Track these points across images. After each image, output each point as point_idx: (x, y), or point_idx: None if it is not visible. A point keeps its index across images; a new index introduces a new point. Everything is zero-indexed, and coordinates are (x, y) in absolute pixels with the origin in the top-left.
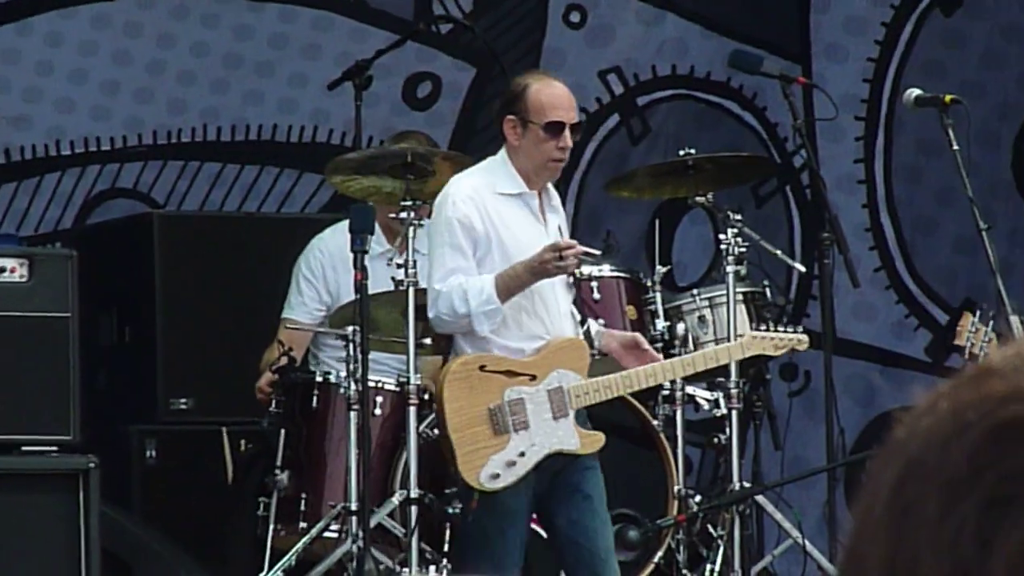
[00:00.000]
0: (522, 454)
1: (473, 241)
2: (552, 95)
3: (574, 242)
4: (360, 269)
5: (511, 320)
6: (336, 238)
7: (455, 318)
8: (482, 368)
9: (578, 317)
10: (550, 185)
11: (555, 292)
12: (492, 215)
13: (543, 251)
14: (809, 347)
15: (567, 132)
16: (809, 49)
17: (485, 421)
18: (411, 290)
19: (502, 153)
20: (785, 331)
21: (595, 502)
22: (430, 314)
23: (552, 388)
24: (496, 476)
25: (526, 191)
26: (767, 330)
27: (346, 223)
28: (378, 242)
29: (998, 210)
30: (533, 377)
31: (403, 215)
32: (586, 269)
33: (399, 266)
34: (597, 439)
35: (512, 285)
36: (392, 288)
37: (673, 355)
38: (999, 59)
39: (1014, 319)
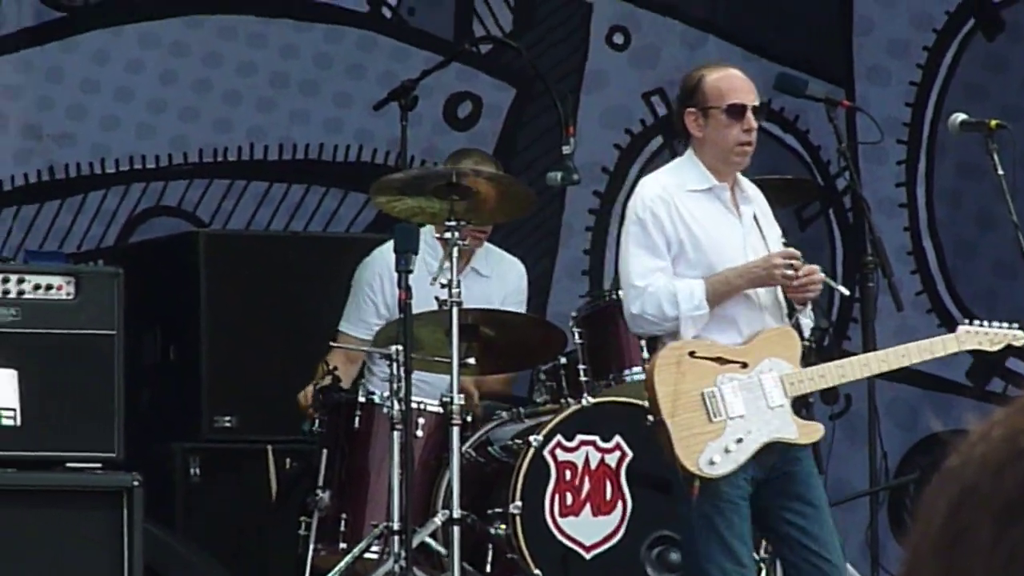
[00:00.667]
0: (739, 441)
1: (666, 240)
2: (728, 78)
3: (796, 252)
4: (404, 288)
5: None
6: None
7: (661, 319)
8: (692, 354)
9: (785, 308)
10: (741, 177)
11: (754, 292)
12: (683, 213)
13: (771, 258)
14: None
15: (749, 114)
16: (852, 72)
17: (699, 407)
18: (455, 310)
19: (688, 151)
20: (1000, 326)
21: (822, 512)
22: (633, 310)
23: (765, 375)
24: (713, 463)
25: (716, 184)
26: (980, 324)
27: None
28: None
29: None
30: (744, 365)
31: (447, 235)
32: None
33: (443, 286)
34: (816, 429)
35: (722, 291)
36: (441, 307)
37: None
38: None
39: None
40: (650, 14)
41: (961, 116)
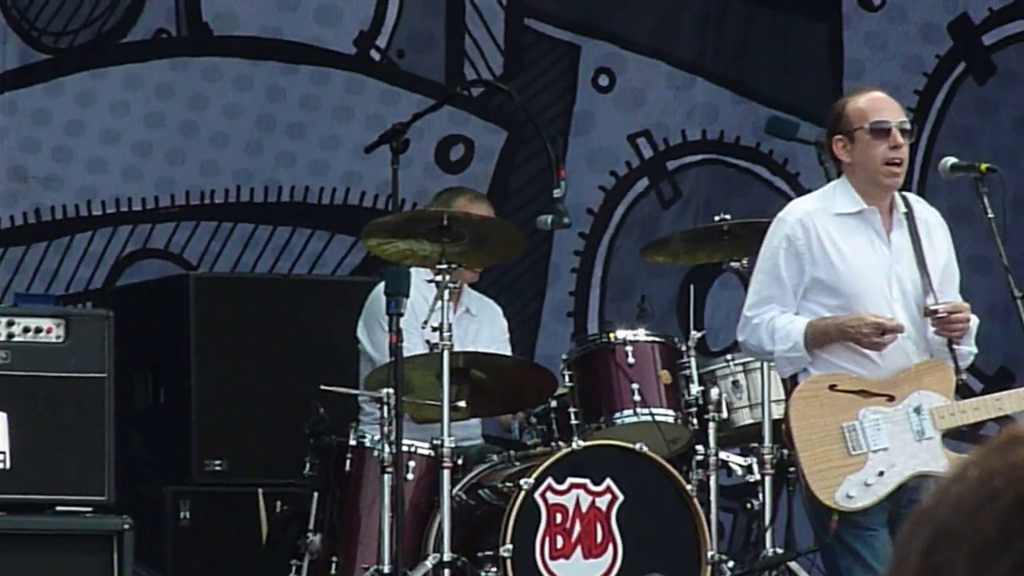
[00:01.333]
0: (880, 474)
1: (798, 268)
2: (871, 99)
3: (900, 325)
4: (395, 332)
5: (845, 346)
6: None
7: (760, 352)
8: (832, 387)
9: (934, 340)
10: (910, 201)
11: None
12: (823, 239)
13: (861, 322)
14: None
15: (896, 132)
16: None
17: (838, 440)
18: (445, 353)
19: (843, 176)
20: None
21: None
22: (739, 337)
23: (913, 408)
24: (851, 497)
25: (866, 208)
26: None
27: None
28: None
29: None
30: (891, 398)
31: (438, 278)
32: (620, 333)
33: (433, 329)
34: None
35: (821, 339)
36: (432, 350)
37: (707, 421)
38: None
39: None
40: (636, 56)
41: (951, 159)
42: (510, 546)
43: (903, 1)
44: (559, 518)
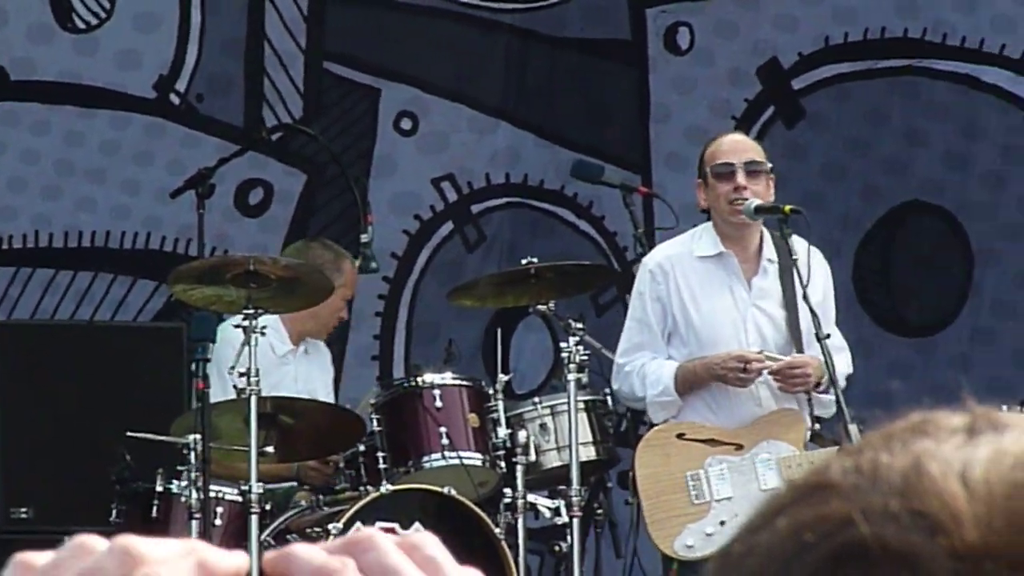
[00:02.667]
0: (723, 523)
1: (661, 313)
2: (719, 143)
3: (760, 356)
4: (203, 377)
5: (698, 396)
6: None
7: (633, 399)
8: (680, 436)
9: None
10: (796, 243)
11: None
12: (681, 284)
13: (727, 359)
14: None
15: (738, 173)
16: (649, 158)
17: (682, 489)
18: (253, 399)
19: (709, 222)
20: None
21: None
22: (613, 385)
23: (760, 458)
24: (691, 546)
25: (724, 251)
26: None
27: (235, 319)
28: (283, 342)
29: (838, 321)
30: (740, 447)
31: (244, 323)
32: (428, 377)
33: (241, 375)
34: None
35: (691, 380)
36: (240, 396)
37: (515, 464)
38: (840, 171)
39: (852, 428)
40: (439, 100)
41: (756, 201)
42: None
43: (711, 45)
44: None
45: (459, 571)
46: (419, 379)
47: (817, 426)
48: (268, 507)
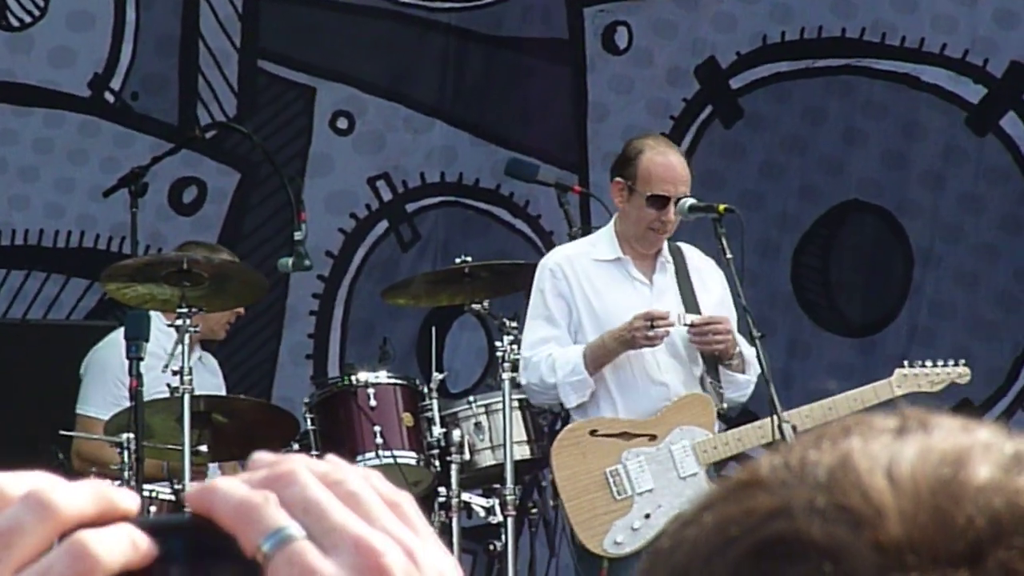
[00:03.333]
0: (647, 516)
1: (565, 309)
2: (663, 166)
3: (667, 312)
4: (136, 376)
5: (606, 392)
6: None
7: (544, 388)
8: (593, 433)
9: (699, 368)
10: (685, 248)
11: (654, 361)
12: (583, 283)
13: (633, 319)
14: None
15: (670, 207)
16: (587, 158)
17: (603, 486)
18: (186, 397)
19: (614, 218)
20: (944, 366)
21: None
22: (522, 380)
23: (676, 446)
24: (620, 543)
25: (622, 256)
26: (921, 366)
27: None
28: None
29: (777, 320)
30: (653, 437)
31: (179, 322)
32: (362, 376)
33: (174, 373)
34: None
35: (600, 355)
36: (173, 394)
37: (449, 463)
38: (779, 170)
39: (787, 428)
40: (375, 99)
41: (690, 200)
42: None
43: (649, 45)
44: None
45: (383, 507)
46: (353, 378)
47: (725, 406)
48: None
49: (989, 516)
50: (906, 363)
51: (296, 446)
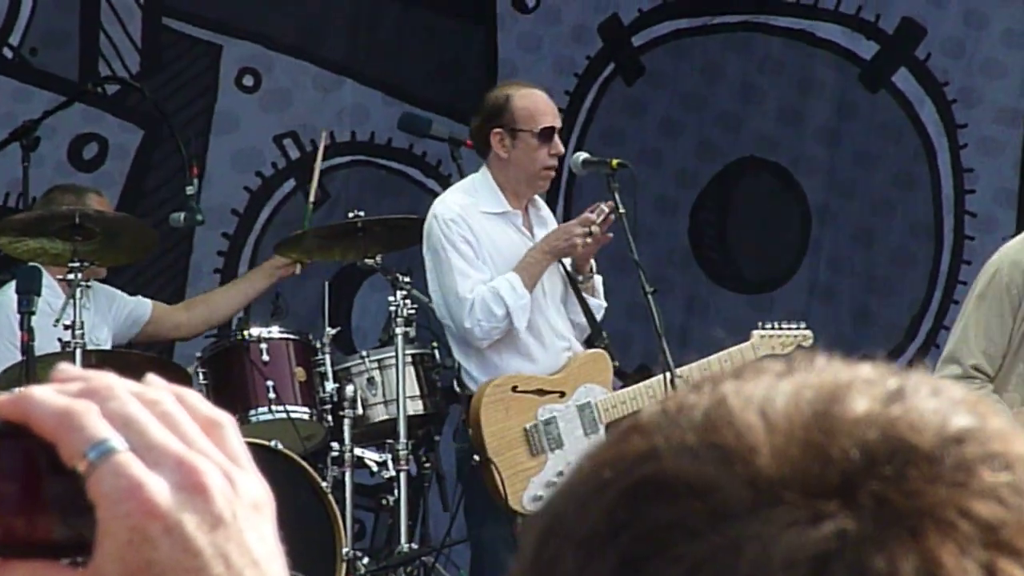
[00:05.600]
0: (560, 473)
1: (473, 254)
2: (538, 101)
3: (601, 208)
4: (27, 330)
5: (507, 343)
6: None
7: (493, 321)
8: (514, 389)
9: (588, 331)
10: (538, 199)
11: (547, 308)
12: (479, 233)
13: (570, 227)
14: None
15: (557, 137)
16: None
17: (522, 443)
18: (78, 352)
19: (483, 171)
20: (789, 328)
21: None
22: (465, 325)
23: (581, 404)
24: (538, 498)
25: (509, 210)
26: (773, 327)
27: (9, 288)
28: (56, 296)
29: (675, 277)
30: (562, 394)
31: (71, 276)
32: (255, 331)
33: (66, 327)
34: None
35: (534, 272)
36: (60, 349)
37: (342, 417)
38: (678, 127)
39: (680, 382)
40: (282, 56)
41: (583, 155)
42: None
43: (557, 3)
44: None
45: (199, 431)
46: (245, 332)
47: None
48: None
49: (862, 447)
50: (760, 324)
51: None
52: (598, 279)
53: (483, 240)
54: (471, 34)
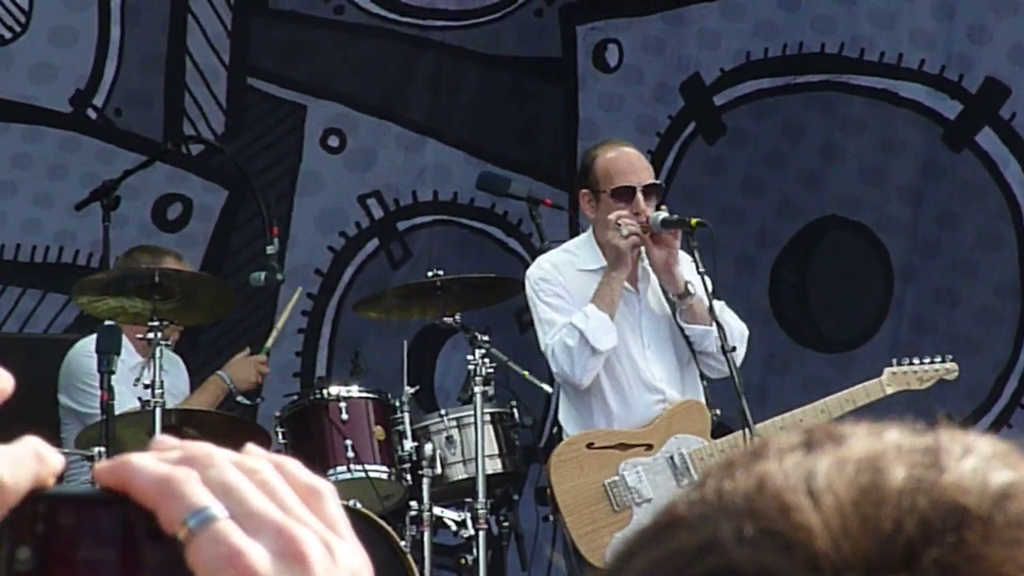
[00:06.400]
0: None
1: (565, 304)
2: (618, 160)
3: (624, 213)
4: (107, 389)
5: (601, 401)
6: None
7: (572, 354)
8: (590, 445)
9: (688, 374)
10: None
11: (641, 360)
12: (572, 291)
13: (616, 234)
14: None
15: (639, 196)
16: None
17: (603, 499)
18: (157, 410)
19: (589, 230)
20: (932, 362)
21: None
22: (553, 368)
23: (671, 455)
24: None
25: (606, 266)
26: (909, 363)
27: (87, 345)
28: (131, 355)
29: (754, 335)
30: (649, 447)
31: (150, 335)
32: (334, 390)
33: (146, 386)
34: None
35: (605, 291)
36: (139, 408)
37: (421, 476)
38: (759, 186)
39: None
40: (366, 117)
41: (663, 214)
42: None
43: (639, 62)
44: None
45: (297, 500)
46: (325, 391)
47: (718, 412)
48: None
49: (916, 517)
50: (895, 361)
51: None
52: (718, 304)
53: (576, 295)
54: (552, 94)
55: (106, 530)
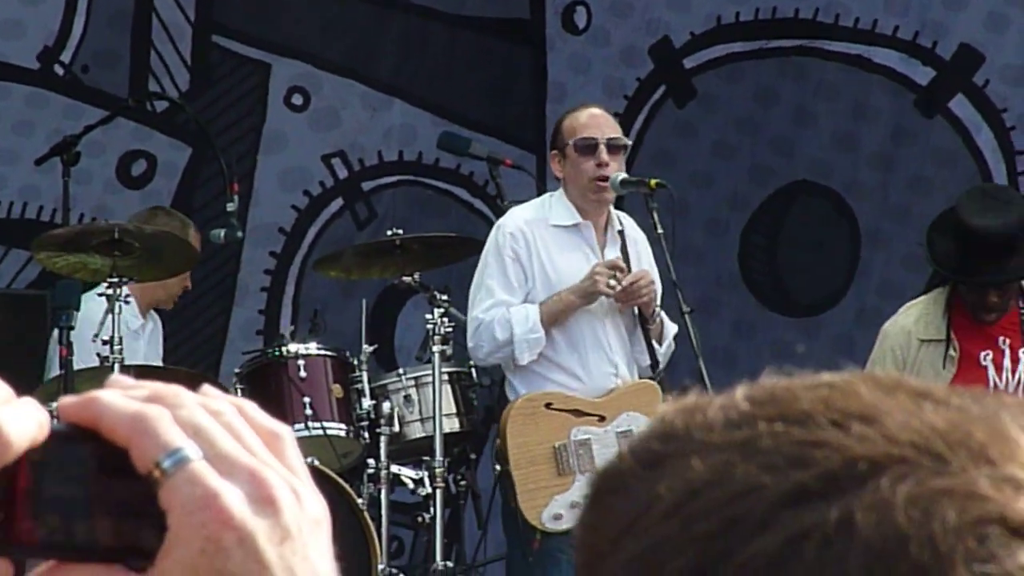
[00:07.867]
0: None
1: (523, 277)
2: (582, 115)
3: (625, 267)
4: (66, 344)
5: (548, 355)
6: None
7: (494, 347)
8: (548, 405)
9: (647, 362)
10: (622, 218)
11: (601, 330)
12: (540, 248)
13: (595, 266)
14: None
15: (602, 149)
16: (545, 138)
17: (550, 460)
18: (116, 367)
19: (560, 189)
20: None
21: None
22: (469, 344)
23: (621, 430)
24: (559, 517)
25: (581, 222)
26: None
27: (99, 289)
28: (136, 316)
29: (723, 299)
30: (602, 418)
31: (109, 291)
32: (292, 347)
33: (104, 343)
34: None
35: (557, 310)
36: (103, 364)
37: (378, 434)
38: (730, 150)
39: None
40: (331, 76)
41: (622, 175)
42: None
43: (607, 24)
44: None
45: (258, 441)
46: (283, 349)
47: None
48: None
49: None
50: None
51: None
52: (671, 327)
53: (540, 255)
54: (520, 55)
55: (75, 466)
